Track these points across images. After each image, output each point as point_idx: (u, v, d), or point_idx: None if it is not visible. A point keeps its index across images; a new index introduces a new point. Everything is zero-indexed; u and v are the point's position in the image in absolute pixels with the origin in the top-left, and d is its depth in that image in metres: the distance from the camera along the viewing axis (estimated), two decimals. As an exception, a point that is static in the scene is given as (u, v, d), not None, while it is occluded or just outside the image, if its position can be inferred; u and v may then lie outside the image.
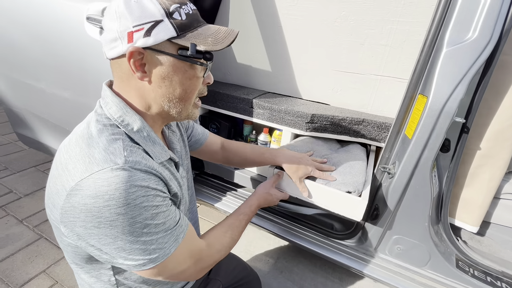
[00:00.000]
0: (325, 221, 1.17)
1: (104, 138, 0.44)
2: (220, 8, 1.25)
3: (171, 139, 0.62)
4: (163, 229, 0.45)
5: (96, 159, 0.41)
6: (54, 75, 1.16)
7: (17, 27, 1.15)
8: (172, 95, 0.48)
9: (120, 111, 0.47)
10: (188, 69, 0.47)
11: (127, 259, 0.43)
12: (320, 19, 1.07)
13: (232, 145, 0.90)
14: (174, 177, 0.54)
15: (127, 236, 0.41)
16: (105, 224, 0.40)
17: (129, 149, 0.44)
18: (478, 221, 1.00)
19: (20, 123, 1.47)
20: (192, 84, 0.49)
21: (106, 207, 0.39)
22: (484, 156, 0.91)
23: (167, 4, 0.43)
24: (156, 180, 0.45)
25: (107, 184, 0.39)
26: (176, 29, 0.44)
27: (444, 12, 0.72)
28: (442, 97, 0.73)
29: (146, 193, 0.42)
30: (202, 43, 0.45)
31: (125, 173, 0.41)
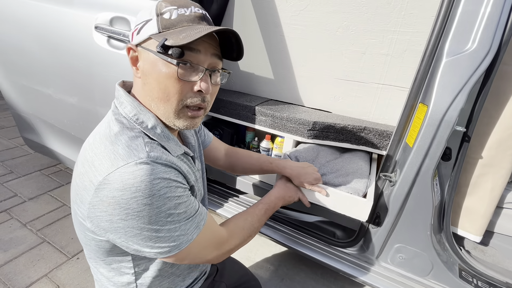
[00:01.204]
0: (327, 228, 1.17)
1: (126, 136, 0.46)
2: (224, 18, 1.28)
3: (185, 133, 0.65)
4: (185, 217, 0.47)
5: (120, 154, 0.43)
6: (62, 81, 1.19)
7: (28, 35, 1.18)
8: (152, 93, 0.48)
9: (134, 109, 0.49)
10: (164, 66, 0.45)
11: (154, 248, 0.46)
12: (322, 28, 1.10)
13: (237, 152, 0.90)
14: (192, 170, 0.57)
15: (153, 225, 0.44)
16: (132, 215, 0.42)
17: (149, 145, 0.46)
18: (481, 230, 0.99)
19: (27, 127, 1.50)
20: (169, 84, 0.46)
21: (133, 199, 0.41)
22: (486, 165, 0.91)
23: (163, 6, 0.46)
24: (176, 173, 0.47)
25: (133, 177, 0.41)
26: (159, 27, 0.45)
27: (444, 23, 0.74)
28: (443, 106, 0.74)
29: (169, 185, 0.44)
30: (173, 38, 0.43)
31: (148, 166, 0.43)
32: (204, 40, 0.46)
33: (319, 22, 1.09)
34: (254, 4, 1.18)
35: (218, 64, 0.51)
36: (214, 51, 0.49)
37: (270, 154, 1.25)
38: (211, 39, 0.48)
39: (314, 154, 1.06)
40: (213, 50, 0.49)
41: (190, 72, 0.47)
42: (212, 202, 1.30)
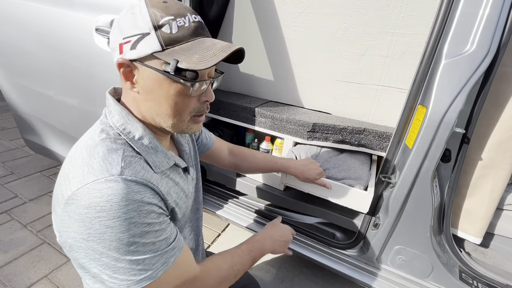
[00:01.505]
0: (327, 230, 1.16)
1: (105, 148, 0.44)
2: (224, 20, 1.28)
3: (179, 140, 0.63)
4: (152, 249, 0.42)
5: (93, 169, 0.41)
6: (63, 83, 1.20)
7: (28, 37, 1.19)
8: (159, 110, 0.47)
9: (122, 119, 0.47)
10: (173, 85, 0.45)
11: (112, 277, 0.41)
12: (322, 30, 1.10)
13: (242, 151, 0.91)
14: (176, 184, 0.53)
15: (113, 252, 0.40)
16: (94, 236, 0.39)
17: (128, 160, 0.44)
18: (481, 232, 0.98)
19: (28, 129, 1.51)
20: (180, 101, 0.46)
21: (97, 219, 0.39)
22: (485, 167, 0.91)
23: (158, 16, 0.42)
24: (151, 194, 0.44)
25: (99, 195, 0.39)
26: (161, 44, 0.42)
27: (443, 24, 0.74)
28: (442, 108, 0.74)
29: (138, 208, 0.41)
30: (186, 60, 0.42)
31: (118, 184, 0.40)
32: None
33: (319, 24, 1.09)
34: (254, 6, 1.19)
35: (214, 69, 0.52)
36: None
37: (269, 156, 1.25)
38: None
39: (317, 151, 1.10)
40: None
41: (198, 87, 0.46)
42: (212, 203, 1.30)
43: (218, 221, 1.64)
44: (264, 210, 1.23)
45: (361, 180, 0.96)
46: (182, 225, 0.58)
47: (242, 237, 1.52)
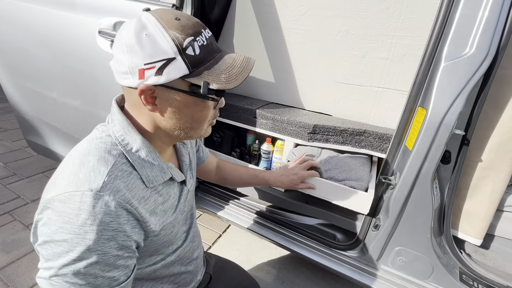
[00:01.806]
0: (327, 231, 1.17)
1: (97, 157, 0.43)
2: (225, 22, 1.29)
3: (181, 151, 0.63)
4: (90, 282, 0.40)
5: (78, 179, 0.41)
6: (66, 85, 1.21)
7: (32, 39, 1.21)
8: (183, 125, 0.49)
9: (122, 129, 0.47)
10: (199, 103, 0.47)
11: (46, 285, 0.41)
12: (322, 33, 1.11)
13: (227, 165, 0.94)
14: (166, 201, 0.53)
15: (55, 269, 0.39)
16: (50, 245, 0.39)
17: (115, 174, 0.43)
18: (481, 233, 0.99)
19: (31, 130, 1.52)
20: (203, 114, 0.50)
21: (60, 229, 0.38)
22: (485, 169, 0.92)
23: (180, 38, 0.41)
24: (126, 218, 0.42)
25: (72, 207, 0.39)
26: (188, 67, 0.43)
27: (442, 27, 0.75)
28: (441, 110, 0.75)
29: (101, 232, 0.39)
30: (215, 81, 0.44)
31: (93, 201, 0.39)
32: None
33: (319, 27, 1.10)
34: (255, 8, 1.20)
35: None
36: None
37: (271, 157, 1.26)
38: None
39: (318, 151, 1.12)
40: None
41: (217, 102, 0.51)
42: (212, 205, 1.31)
43: (219, 222, 1.64)
44: (265, 211, 1.24)
45: (362, 181, 0.97)
46: (171, 239, 0.57)
47: (243, 238, 1.52)
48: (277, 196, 1.19)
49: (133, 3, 1.02)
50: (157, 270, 0.58)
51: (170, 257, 0.59)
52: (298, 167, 0.97)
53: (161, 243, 0.53)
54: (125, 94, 0.49)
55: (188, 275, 0.67)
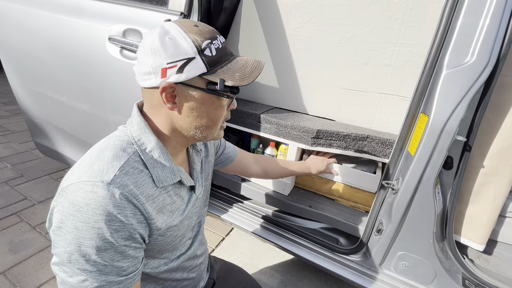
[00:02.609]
0: (330, 235, 1.18)
1: (112, 153, 0.46)
2: (231, 29, 1.32)
3: (193, 158, 0.64)
4: (98, 270, 0.42)
5: (92, 170, 0.43)
6: (75, 89, 1.24)
7: (43, 45, 1.24)
8: (199, 124, 0.52)
9: (139, 130, 0.50)
10: (215, 101, 0.51)
11: (57, 272, 0.43)
12: (326, 40, 1.13)
13: (266, 160, 1.02)
14: (174, 202, 0.55)
15: (67, 254, 0.41)
16: (61, 232, 0.41)
17: (126, 169, 0.45)
18: (484, 239, 0.99)
19: (39, 132, 1.55)
20: (218, 113, 0.52)
21: (71, 216, 0.40)
22: (487, 174, 0.92)
23: (199, 41, 0.46)
24: (132, 211, 0.44)
25: (83, 196, 0.41)
26: (206, 66, 0.46)
27: (444, 36, 0.77)
28: (443, 117, 0.76)
29: (110, 222, 0.41)
30: (230, 79, 0.48)
31: (103, 192, 0.41)
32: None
33: (323, 34, 1.13)
34: (260, 16, 1.23)
35: None
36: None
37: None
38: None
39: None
40: None
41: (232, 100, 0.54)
42: (216, 207, 1.32)
43: (222, 225, 1.65)
44: (268, 214, 1.25)
45: (370, 166, 1.15)
46: (175, 243, 0.58)
47: (246, 241, 1.54)
48: (281, 200, 1.20)
49: (142, 11, 1.05)
50: (160, 274, 0.59)
51: (173, 262, 0.60)
52: (323, 158, 1.15)
53: (164, 245, 0.54)
54: (145, 96, 0.52)
55: (190, 281, 0.68)
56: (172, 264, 0.60)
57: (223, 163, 0.87)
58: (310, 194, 1.27)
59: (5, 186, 1.78)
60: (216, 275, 0.82)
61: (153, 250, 0.54)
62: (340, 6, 1.06)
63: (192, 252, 0.66)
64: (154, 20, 1.02)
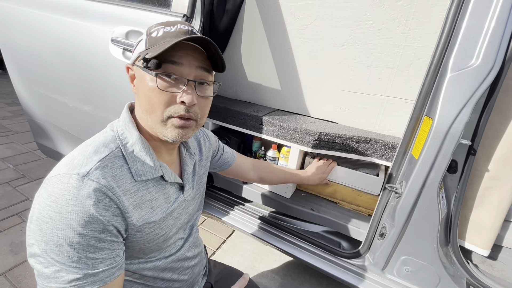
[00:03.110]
0: (332, 239, 1.17)
1: (94, 148, 0.48)
2: (233, 30, 1.32)
3: (185, 160, 0.64)
4: (71, 261, 0.41)
5: (72, 163, 0.45)
6: (77, 91, 1.24)
7: (46, 47, 1.25)
8: (142, 106, 0.51)
9: (123, 125, 0.53)
10: (149, 81, 0.48)
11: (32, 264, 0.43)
12: (329, 42, 1.13)
13: (266, 167, 1.04)
14: (155, 199, 0.54)
15: (43, 244, 0.42)
16: (38, 221, 0.42)
17: (105, 163, 0.46)
18: (489, 244, 0.98)
19: (42, 133, 1.55)
20: (153, 96, 0.48)
21: (47, 207, 0.41)
22: (492, 178, 0.91)
23: (153, 26, 0.51)
24: (107, 204, 0.44)
25: (59, 188, 0.42)
26: (146, 45, 0.49)
27: (448, 38, 0.76)
28: (448, 120, 0.75)
29: (82, 213, 0.41)
30: (152, 51, 0.46)
31: (77, 184, 0.42)
32: (188, 53, 0.48)
33: (326, 36, 1.12)
34: (263, 18, 1.23)
35: (207, 76, 0.52)
36: (200, 63, 0.50)
37: (276, 163, 1.27)
38: (195, 52, 0.49)
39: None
40: (198, 63, 0.50)
41: (174, 84, 0.48)
42: (217, 210, 1.32)
43: (223, 228, 1.65)
44: (270, 217, 1.24)
45: (373, 169, 1.14)
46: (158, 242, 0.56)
47: (247, 244, 1.53)
48: (282, 203, 1.19)
49: (145, 12, 1.05)
50: (146, 272, 0.58)
51: (160, 262, 0.59)
52: (324, 165, 1.14)
53: (145, 243, 0.53)
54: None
55: (182, 283, 0.66)
56: (160, 264, 0.59)
57: (221, 167, 0.90)
58: (312, 196, 1.26)
59: (7, 186, 1.79)
60: (215, 279, 0.81)
61: (134, 248, 0.53)
62: (343, 9, 1.06)
63: (182, 254, 0.65)
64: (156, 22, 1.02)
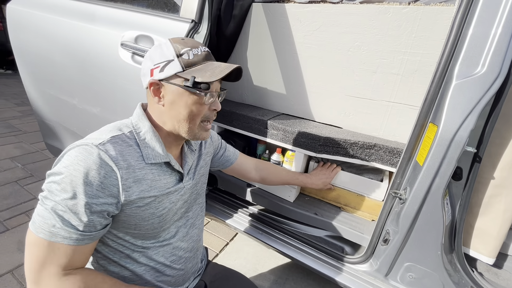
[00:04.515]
0: (336, 244, 1.17)
1: (110, 128, 0.58)
2: (240, 35, 1.34)
3: (186, 154, 0.71)
4: (58, 215, 0.48)
5: (90, 137, 0.55)
6: (86, 93, 1.27)
7: (57, 49, 1.28)
8: (179, 117, 0.60)
9: (137, 117, 0.62)
10: (190, 96, 0.58)
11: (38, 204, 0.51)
12: (335, 48, 1.14)
13: (268, 167, 1.07)
14: (158, 181, 0.61)
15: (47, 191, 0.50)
16: (54, 173, 0.51)
17: (115, 140, 0.55)
18: (494, 252, 0.97)
19: (50, 134, 1.59)
20: (195, 108, 0.60)
21: (62, 163, 0.51)
22: (498, 186, 0.91)
23: (179, 48, 0.58)
24: (108, 173, 0.52)
25: (76, 151, 0.52)
26: (182, 66, 0.57)
27: (454, 46, 0.76)
28: (453, 127, 0.75)
29: (84, 174, 0.49)
30: (201, 76, 0.56)
31: (87, 149, 0.51)
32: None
33: (332, 42, 1.13)
34: (269, 23, 1.25)
35: (219, 86, 0.66)
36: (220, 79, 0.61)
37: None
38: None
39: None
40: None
41: (209, 97, 0.60)
42: (221, 212, 1.32)
43: (226, 230, 1.65)
44: (273, 221, 1.24)
45: (377, 174, 1.14)
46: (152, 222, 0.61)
47: (250, 247, 1.53)
48: (286, 207, 1.20)
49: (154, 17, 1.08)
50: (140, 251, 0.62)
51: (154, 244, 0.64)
52: (328, 170, 1.15)
53: (141, 220, 0.58)
54: (147, 96, 0.63)
55: (174, 272, 0.69)
56: (153, 245, 0.64)
57: (223, 165, 0.95)
58: (316, 201, 1.26)
59: (15, 185, 1.82)
60: (211, 279, 0.83)
61: (130, 224, 0.58)
62: (349, 15, 1.07)
63: (176, 241, 0.68)
64: (165, 27, 1.05)
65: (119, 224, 0.58)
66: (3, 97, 3.67)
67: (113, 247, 0.61)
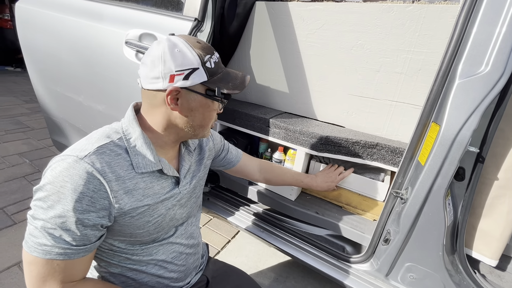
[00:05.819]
0: (336, 243, 1.17)
1: (97, 137, 0.54)
2: (244, 33, 1.35)
3: (183, 156, 0.69)
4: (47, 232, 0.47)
5: (76, 148, 0.52)
6: (92, 90, 1.29)
7: (65, 47, 1.30)
8: (194, 122, 0.60)
9: (128, 122, 0.58)
10: (210, 104, 0.60)
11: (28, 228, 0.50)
12: (338, 46, 1.13)
13: (272, 169, 1.07)
14: (150, 188, 0.58)
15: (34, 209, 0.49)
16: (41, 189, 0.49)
17: (103, 150, 0.52)
18: (497, 254, 0.96)
19: (57, 130, 1.62)
20: (210, 115, 0.62)
21: (47, 179, 0.49)
22: (502, 187, 0.89)
23: (202, 55, 0.56)
24: (96, 186, 0.50)
25: (60, 165, 0.49)
26: (207, 75, 0.56)
27: (457, 45, 0.75)
28: (455, 127, 0.75)
29: (72, 191, 0.47)
30: (225, 87, 0.58)
31: (73, 164, 0.49)
32: None
33: (335, 40, 1.13)
34: (272, 22, 1.25)
35: None
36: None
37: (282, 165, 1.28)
38: None
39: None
40: None
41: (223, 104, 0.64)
42: (223, 209, 1.33)
43: (228, 228, 1.66)
44: (275, 219, 1.25)
45: (378, 174, 1.12)
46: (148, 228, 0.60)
47: (252, 244, 1.54)
48: (287, 205, 1.20)
49: (158, 16, 1.09)
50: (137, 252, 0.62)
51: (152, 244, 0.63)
52: (335, 173, 1.13)
53: (135, 228, 0.57)
54: (147, 97, 0.59)
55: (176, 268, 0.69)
56: (153, 245, 0.63)
57: (225, 167, 0.95)
58: (317, 200, 1.26)
59: (23, 180, 1.86)
60: (212, 274, 0.84)
61: (125, 233, 0.57)
62: (352, 14, 1.06)
63: (175, 238, 0.68)
64: (169, 25, 1.06)
65: (114, 233, 0.56)
66: (12, 94, 3.75)
67: (111, 252, 0.60)
